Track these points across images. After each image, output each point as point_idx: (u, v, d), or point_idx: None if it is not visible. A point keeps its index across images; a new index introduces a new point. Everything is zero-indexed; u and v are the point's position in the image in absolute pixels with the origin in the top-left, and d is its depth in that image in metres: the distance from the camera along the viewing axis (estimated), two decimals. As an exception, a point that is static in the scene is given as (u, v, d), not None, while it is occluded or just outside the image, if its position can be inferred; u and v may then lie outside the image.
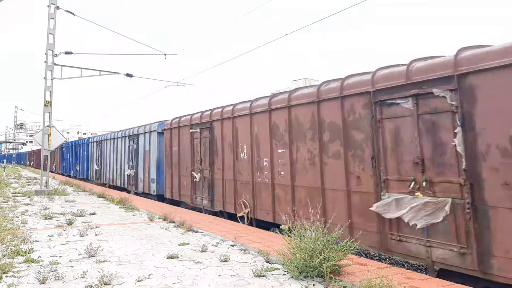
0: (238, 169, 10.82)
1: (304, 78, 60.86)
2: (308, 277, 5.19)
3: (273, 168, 9.35)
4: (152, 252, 6.68)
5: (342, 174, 7.33)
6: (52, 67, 17.46)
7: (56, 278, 5.02)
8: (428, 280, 5.25)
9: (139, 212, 11.81)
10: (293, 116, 8.72)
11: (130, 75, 20.25)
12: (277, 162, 9.21)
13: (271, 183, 9.36)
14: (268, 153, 9.49)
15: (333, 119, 7.63)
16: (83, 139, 32.34)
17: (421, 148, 5.99)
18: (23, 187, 19.91)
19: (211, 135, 12.19)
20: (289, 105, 8.82)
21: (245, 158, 10.51)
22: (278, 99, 9.42)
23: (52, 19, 17.47)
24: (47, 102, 17.25)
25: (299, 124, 8.50)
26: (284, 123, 8.98)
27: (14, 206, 12.39)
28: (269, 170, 9.48)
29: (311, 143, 8.15)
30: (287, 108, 8.85)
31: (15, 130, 64.93)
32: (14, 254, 6.17)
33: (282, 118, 9.07)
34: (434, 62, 6.01)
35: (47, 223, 9.36)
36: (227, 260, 6.12)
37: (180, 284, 4.97)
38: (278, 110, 9.24)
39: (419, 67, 6.15)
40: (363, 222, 6.86)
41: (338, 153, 7.47)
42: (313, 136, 8.09)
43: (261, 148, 9.86)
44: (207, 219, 10.68)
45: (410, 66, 6.27)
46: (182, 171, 14.13)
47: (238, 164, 10.83)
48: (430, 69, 5.95)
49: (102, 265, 5.77)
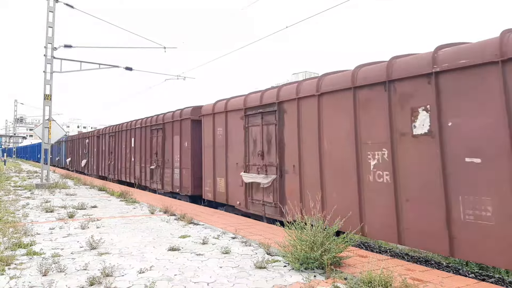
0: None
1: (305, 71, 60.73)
2: (309, 268, 5.21)
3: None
4: (154, 244, 6.70)
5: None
6: (52, 60, 17.39)
7: (58, 270, 5.04)
8: (429, 272, 5.28)
9: (140, 205, 11.84)
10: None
11: (130, 68, 20.19)
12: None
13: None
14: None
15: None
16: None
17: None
18: (23, 181, 19.94)
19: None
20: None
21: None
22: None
23: (51, 12, 17.37)
24: (47, 96, 17.21)
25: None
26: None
27: (15, 199, 12.42)
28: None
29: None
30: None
31: (15, 124, 64.87)
32: (16, 247, 6.19)
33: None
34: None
35: (48, 216, 9.39)
36: (228, 252, 6.15)
37: (181, 275, 4.99)
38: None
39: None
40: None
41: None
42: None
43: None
44: (208, 212, 10.71)
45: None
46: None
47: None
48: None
49: (104, 257, 5.79)
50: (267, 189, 9.61)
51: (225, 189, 11.44)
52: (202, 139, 13.05)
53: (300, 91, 8.73)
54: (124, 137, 21.07)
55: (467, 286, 4.69)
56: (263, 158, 9.81)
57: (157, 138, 16.73)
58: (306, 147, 8.45)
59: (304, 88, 8.67)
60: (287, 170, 9.04)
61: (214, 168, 12.09)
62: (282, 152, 9.21)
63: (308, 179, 8.33)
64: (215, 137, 12.15)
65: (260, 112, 9.99)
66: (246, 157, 10.47)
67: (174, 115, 15.33)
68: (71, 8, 17.93)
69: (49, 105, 17.35)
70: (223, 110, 11.70)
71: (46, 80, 17.21)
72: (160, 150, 16.33)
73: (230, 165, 11.28)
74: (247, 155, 10.43)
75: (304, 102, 8.59)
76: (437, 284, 4.67)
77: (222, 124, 11.80)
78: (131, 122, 20.38)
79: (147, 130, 17.73)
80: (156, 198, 13.68)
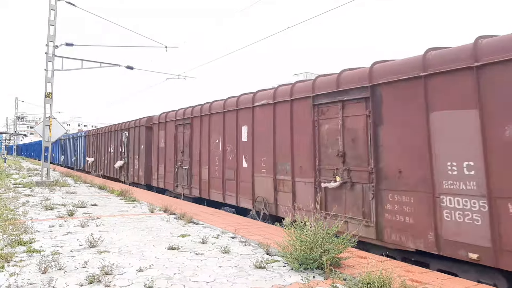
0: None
1: (306, 72, 60.70)
2: (308, 269, 5.21)
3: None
4: (153, 243, 6.70)
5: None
6: (53, 58, 17.41)
7: (57, 267, 5.04)
8: (428, 274, 5.28)
9: (140, 204, 11.85)
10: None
11: (131, 67, 20.19)
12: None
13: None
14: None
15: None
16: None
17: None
18: (24, 178, 19.96)
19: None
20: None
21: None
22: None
23: (53, 10, 17.39)
24: (48, 94, 17.23)
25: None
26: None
27: (15, 196, 12.43)
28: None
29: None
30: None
31: (15, 121, 64.90)
32: (15, 244, 6.20)
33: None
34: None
35: (48, 214, 9.40)
36: (227, 252, 6.15)
37: (181, 274, 4.99)
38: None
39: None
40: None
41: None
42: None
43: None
44: (208, 211, 10.71)
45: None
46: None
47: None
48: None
49: (103, 256, 5.79)
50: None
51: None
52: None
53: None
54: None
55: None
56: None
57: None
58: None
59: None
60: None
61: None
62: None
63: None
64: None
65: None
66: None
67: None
68: (73, 6, 17.96)
69: (50, 103, 17.36)
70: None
71: (47, 78, 17.23)
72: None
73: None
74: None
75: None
76: (436, 286, 4.67)
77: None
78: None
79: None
80: (156, 197, 13.68)
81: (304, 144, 8.51)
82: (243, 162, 10.64)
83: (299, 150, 8.68)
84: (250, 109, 10.41)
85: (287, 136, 9.00)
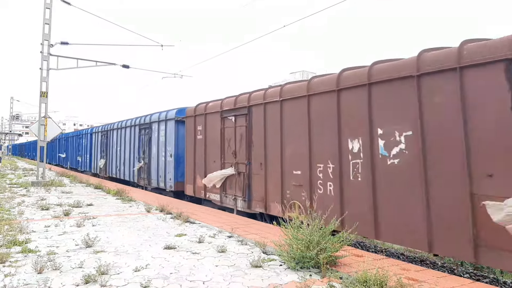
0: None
1: (302, 71, 60.76)
2: (305, 268, 5.22)
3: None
4: (149, 243, 6.69)
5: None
6: (48, 57, 17.32)
7: (53, 267, 5.02)
8: (424, 271, 5.30)
9: (136, 203, 11.82)
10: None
11: (126, 66, 20.12)
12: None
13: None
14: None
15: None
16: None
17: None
18: (19, 178, 19.86)
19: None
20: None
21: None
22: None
23: (48, 8, 17.29)
24: (43, 93, 17.14)
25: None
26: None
27: (10, 196, 12.36)
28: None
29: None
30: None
31: (10, 121, 64.52)
32: (11, 244, 6.16)
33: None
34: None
35: (44, 214, 9.36)
36: (224, 251, 6.15)
37: (177, 274, 4.99)
38: None
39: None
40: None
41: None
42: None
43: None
44: (204, 210, 10.70)
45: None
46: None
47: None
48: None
49: (100, 255, 5.78)
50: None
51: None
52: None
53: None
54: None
55: (462, 286, 4.72)
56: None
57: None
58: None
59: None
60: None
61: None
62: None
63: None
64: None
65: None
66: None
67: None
68: (68, 5, 17.86)
69: (45, 102, 17.27)
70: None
71: (43, 77, 17.13)
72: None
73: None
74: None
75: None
76: (432, 284, 4.70)
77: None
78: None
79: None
80: (152, 197, 13.65)
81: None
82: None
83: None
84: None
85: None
